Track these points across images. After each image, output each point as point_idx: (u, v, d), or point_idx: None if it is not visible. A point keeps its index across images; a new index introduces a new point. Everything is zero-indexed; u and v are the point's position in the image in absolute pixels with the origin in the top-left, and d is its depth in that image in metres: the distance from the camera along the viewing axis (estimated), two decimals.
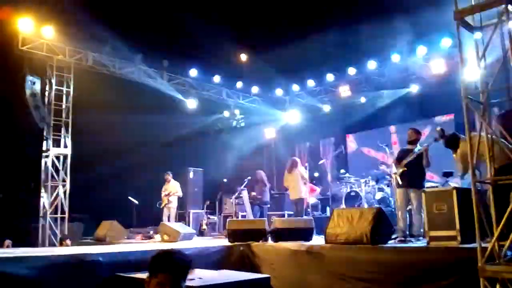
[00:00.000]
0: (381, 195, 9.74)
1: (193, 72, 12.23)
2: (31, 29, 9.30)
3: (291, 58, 11.04)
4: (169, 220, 10.69)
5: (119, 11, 9.43)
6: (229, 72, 12.74)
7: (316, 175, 12.27)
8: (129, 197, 11.35)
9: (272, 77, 12.76)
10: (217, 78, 12.75)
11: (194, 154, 13.11)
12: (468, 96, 4.30)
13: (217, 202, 12.21)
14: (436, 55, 10.48)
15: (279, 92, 13.88)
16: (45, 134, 9.88)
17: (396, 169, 6.78)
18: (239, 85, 13.34)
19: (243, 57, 12.57)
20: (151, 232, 10.58)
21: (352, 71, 11.95)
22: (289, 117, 14.08)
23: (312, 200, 10.95)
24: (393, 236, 6.50)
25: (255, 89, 13.63)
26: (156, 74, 11.64)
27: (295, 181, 9.69)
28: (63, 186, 9.84)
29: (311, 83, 13.00)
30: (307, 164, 10.56)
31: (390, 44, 10.51)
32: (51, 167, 9.78)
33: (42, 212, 9.49)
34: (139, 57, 11.07)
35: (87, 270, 5.39)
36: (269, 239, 7.37)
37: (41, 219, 9.41)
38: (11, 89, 9.42)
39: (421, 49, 10.60)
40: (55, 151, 9.89)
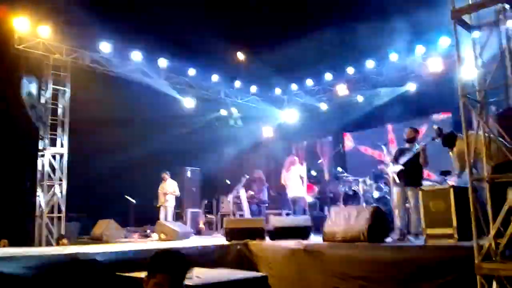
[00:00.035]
0: (378, 194, 9.73)
1: (191, 71, 12.21)
2: (27, 28, 9.26)
3: (289, 57, 11.02)
4: (166, 219, 10.67)
5: (116, 10, 9.40)
6: (227, 71, 12.72)
7: (314, 173, 12.26)
8: (126, 196, 11.33)
9: (270, 76, 12.74)
10: (215, 77, 12.73)
11: (191, 153, 13.08)
12: (465, 95, 4.31)
13: (214, 201, 12.20)
14: (434, 54, 10.50)
15: (277, 91, 13.88)
16: (41, 133, 9.84)
17: (393, 168, 6.79)
18: (237, 84, 13.33)
19: (240, 56, 12.55)
20: (148, 231, 10.58)
21: (350, 70, 11.96)
22: (286, 116, 14.08)
23: (309, 198, 10.97)
24: (390, 235, 6.52)
25: (253, 88, 13.62)
26: (154, 73, 11.61)
27: (293, 179, 9.71)
28: (60, 186, 9.81)
29: (309, 82, 13.01)
30: (305, 163, 10.56)
31: (387, 43, 10.51)
32: (47, 166, 9.75)
33: (38, 211, 9.46)
34: (136, 56, 11.04)
35: (84, 270, 5.38)
36: (267, 237, 7.37)
37: (37, 219, 9.38)
38: (7, 88, 9.38)
39: (419, 48, 10.62)
40: (51, 150, 9.85)
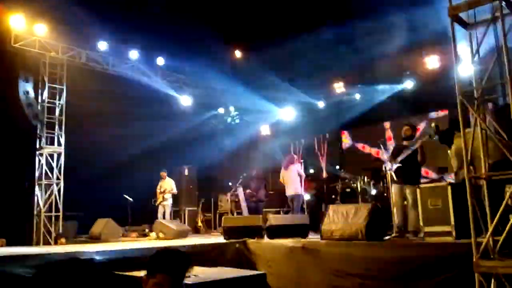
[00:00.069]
0: (376, 191, 9.76)
1: (188, 69, 12.18)
2: (23, 26, 9.21)
3: (286, 54, 11.02)
4: (164, 217, 10.66)
5: (112, 8, 9.36)
6: (224, 69, 12.69)
7: (311, 171, 12.27)
8: (124, 195, 11.31)
9: (267, 73, 12.72)
10: (211, 75, 12.69)
11: (189, 151, 13.06)
12: (463, 92, 4.31)
13: (212, 199, 12.20)
14: (431, 51, 10.50)
15: (274, 88, 13.84)
16: (38, 132, 9.80)
17: (391, 165, 6.80)
18: (234, 82, 13.29)
19: (237, 53, 12.53)
20: (146, 230, 10.58)
21: (347, 67, 11.94)
22: (284, 113, 14.08)
23: (307, 196, 10.98)
24: (388, 232, 6.53)
25: (250, 86, 13.58)
26: (150, 71, 11.58)
27: (291, 177, 9.71)
28: (57, 185, 9.78)
29: (305, 79, 12.97)
30: (302, 161, 10.57)
31: (384, 40, 10.51)
32: (45, 165, 9.72)
33: (36, 210, 9.43)
34: (133, 54, 11.01)
35: (82, 268, 5.38)
36: (265, 236, 7.38)
37: (35, 218, 9.35)
38: (3, 87, 9.32)
39: (416, 45, 10.60)
40: (48, 149, 9.82)
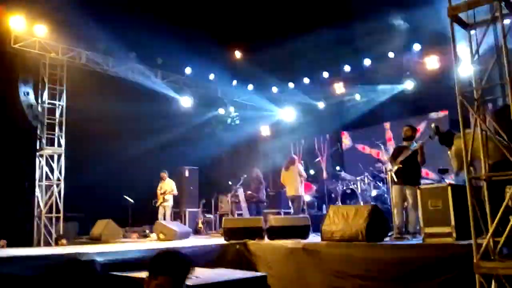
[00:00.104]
0: (376, 192, 9.75)
1: (187, 70, 12.18)
2: (23, 27, 9.23)
3: (286, 55, 11.02)
4: (164, 218, 10.66)
5: (112, 8, 9.36)
6: (224, 70, 12.70)
7: (312, 172, 12.27)
8: (124, 196, 11.31)
9: (267, 74, 12.73)
10: (211, 76, 12.71)
11: (189, 152, 13.07)
12: (463, 93, 4.31)
13: (213, 200, 12.20)
14: (431, 52, 10.50)
15: (274, 89, 13.86)
16: (38, 133, 9.82)
17: (391, 166, 6.79)
18: (234, 82, 13.30)
19: (237, 54, 12.53)
20: (147, 231, 10.56)
21: (347, 68, 11.95)
22: (284, 114, 14.08)
23: (307, 197, 10.97)
24: (388, 233, 6.53)
25: (250, 87, 13.60)
26: (150, 72, 11.59)
27: (292, 178, 9.71)
28: (58, 186, 9.79)
29: (306, 80, 12.99)
30: (303, 162, 10.57)
31: (384, 40, 10.51)
32: (45, 166, 9.72)
33: (37, 211, 9.44)
34: (133, 55, 11.01)
35: (82, 270, 5.37)
36: (265, 237, 7.37)
37: (36, 219, 9.36)
38: (3, 88, 9.34)
39: (416, 45, 10.61)
40: (49, 150, 9.82)
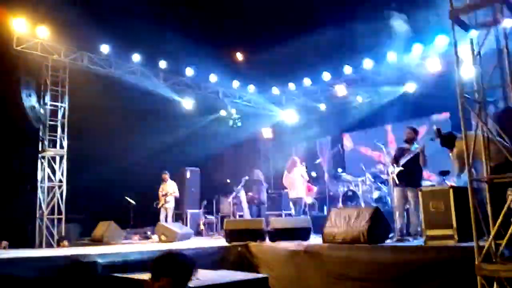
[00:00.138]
0: (378, 194, 9.75)
1: (189, 71, 12.20)
2: (26, 29, 9.25)
3: (287, 57, 11.03)
4: (166, 220, 10.66)
5: (114, 10, 9.39)
6: (226, 72, 12.71)
7: (314, 174, 12.27)
8: (126, 198, 11.32)
9: (268, 76, 12.74)
10: (213, 78, 12.72)
11: (191, 154, 13.07)
12: (464, 95, 4.31)
13: (214, 202, 12.20)
14: (432, 54, 10.49)
15: (276, 91, 13.86)
16: (41, 134, 9.83)
17: (393, 168, 6.79)
18: (236, 84, 13.31)
19: (239, 56, 12.54)
20: (148, 233, 10.57)
21: (348, 70, 11.95)
22: (285, 116, 14.09)
23: (309, 199, 10.97)
24: (390, 236, 6.52)
25: (251, 88, 13.60)
26: (152, 74, 11.60)
27: (295, 180, 9.74)
28: (60, 187, 9.80)
29: (307, 82, 12.98)
30: (304, 163, 10.57)
31: (386, 42, 10.52)
32: (47, 168, 9.74)
33: (38, 213, 9.45)
34: (135, 57, 11.04)
35: (84, 271, 5.38)
36: (267, 238, 7.37)
37: (37, 220, 9.37)
38: (6, 89, 9.36)
39: (417, 47, 10.61)
40: (51, 151, 9.84)
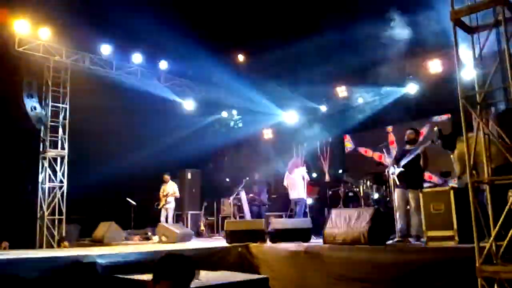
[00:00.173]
0: (378, 195, 9.73)
1: (190, 73, 12.21)
2: (28, 31, 9.28)
3: (289, 58, 11.04)
4: (167, 221, 10.66)
5: (115, 12, 9.41)
6: (227, 73, 12.73)
7: (314, 175, 12.27)
8: (127, 198, 11.33)
9: (269, 77, 12.75)
10: (214, 78, 12.73)
11: (192, 155, 13.08)
12: (465, 96, 4.31)
13: (215, 203, 12.21)
14: (433, 55, 10.49)
15: (277, 92, 13.84)
16: (42, 135, 9.86)
17: (394, 170, 6.79)
18: (237, 85, 13.31)
19: (240, 57, 12.55)
20: (149, 234, 10.57)
21: (349, 71, 11.93)
22: (286, 117, 14.09)
23: (309, 200, 10.96)
24: (391, 237, 6.52)
25: (252, 90, 13.60)
26: (154, 75, 11.63)
27: (296, 181, 9.75)
28: (60, 188, 9.82)
29: (308, 83, 12.96)
30: (305, 165, 10.58)
31: (387, 44, 10.51)
32: (48, 169, 9.76)
33: (39, 213, 9.47)
34: (136, 58, 11.06)
35: (85, 272, 5.39)
36: (267, 239, 7.37)
37: (38, 221, 9.39)
38: (7, 90, 9.39)
39: (418, 49, 10.60)
40: (52, 152, 9.86)
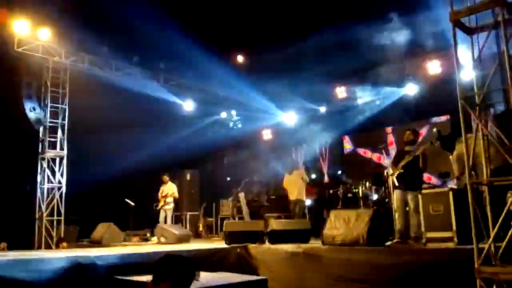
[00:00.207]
0: (377, 197, 9.73)
1: (189, 73, 12.21)
2: (27, 31, 9.26)
3: (288, 58, 11.05)
4: (165, 222, 10.65)
5: (115, 13, 9.41)
6: (226, 73, 12.72)
7: (313, 176, 12.27)
8: (126, 199, 11.31)
9: (268, 78, 12.75)
10: (213, 79, 12.72)
11: (191, 156, 13.07)
12: (464, 97, 4.31)
13: (214, 203, 12.20)
14: (432, 56, 10.50)
15: (276, 93, 13.84)
16: (41, 136, 9.84)
17: (393, 171, 6.78)
18: (236, 86, 13.30)
19: (239, 58, 12.55)
20: (147, 235, 10.57)
21: (349, 72, 11.94)
22: (286, 118, 14.09)
23: (308, 201, 10.96)
24: (390, 238, 6.51)
25: (252, 90, 13.59)
26: (153, 75, 11.62)
27: (296, 182, 9.75)
28: (59, 189, 9.80)
29: (307, 84, 12.95)
30: (304, 166, 10.59)
31: (386, 45, 10.52)
32: (47, 169, 9.74)
33: (38, 214, 9.44)
34: (136, 59, 11.05)
35: (83, 273, 5.38)
36: (266, 241, 7.36)
37: (37, 222, 9.37)
38: (6, 91, 9.38)
39: (417, 50, 10.60)
40: (51, 153, 9.85)
